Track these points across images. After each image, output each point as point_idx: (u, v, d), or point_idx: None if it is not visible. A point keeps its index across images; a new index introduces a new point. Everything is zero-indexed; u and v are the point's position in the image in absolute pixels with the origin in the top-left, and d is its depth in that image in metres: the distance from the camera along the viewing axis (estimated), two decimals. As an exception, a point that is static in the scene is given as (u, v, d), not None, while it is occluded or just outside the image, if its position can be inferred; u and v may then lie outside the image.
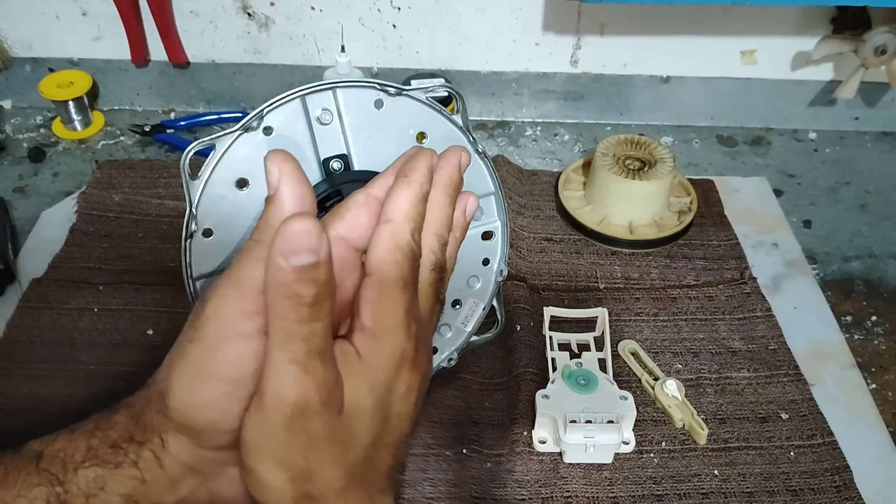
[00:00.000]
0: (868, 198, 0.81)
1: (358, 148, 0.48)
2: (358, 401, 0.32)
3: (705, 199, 0.78)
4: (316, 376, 0.30)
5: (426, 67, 0.86)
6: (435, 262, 0.36)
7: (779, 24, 0.83)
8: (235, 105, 0.89)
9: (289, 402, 0.30)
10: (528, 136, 0.88)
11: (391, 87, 0.48)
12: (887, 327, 0.66)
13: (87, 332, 0.63)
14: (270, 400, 0.30)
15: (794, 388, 0.60)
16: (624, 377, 0.60)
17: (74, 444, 0.32)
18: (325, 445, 0.31)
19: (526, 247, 0.72)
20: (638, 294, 0.67)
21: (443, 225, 0.36)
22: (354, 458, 0.32)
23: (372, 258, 0.33)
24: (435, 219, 0.36)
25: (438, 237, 0.36)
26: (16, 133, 0.86)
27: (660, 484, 0.54)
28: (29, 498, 0.30)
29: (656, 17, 0.82)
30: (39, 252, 0.70)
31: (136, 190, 0.77)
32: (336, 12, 0.82)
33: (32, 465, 0.31)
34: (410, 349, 0.34)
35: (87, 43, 0.85)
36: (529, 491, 0.53)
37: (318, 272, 0.28)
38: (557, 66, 0.86)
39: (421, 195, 0.35)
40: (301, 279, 0.28)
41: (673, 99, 0.88)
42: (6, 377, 0.59)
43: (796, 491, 0.53)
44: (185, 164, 0.44)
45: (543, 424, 0.55)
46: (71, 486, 0.31)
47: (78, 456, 0.32)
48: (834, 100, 0.87)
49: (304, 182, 0.33)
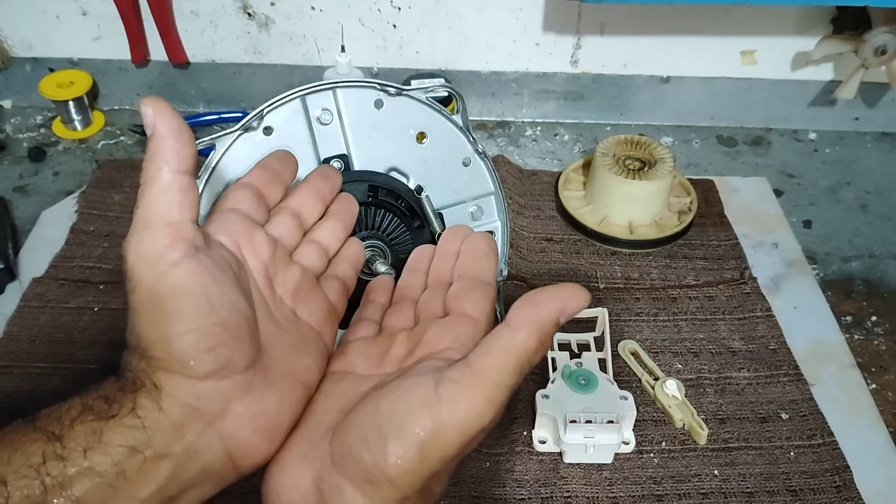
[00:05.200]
0: (868, 198, 0.81)
1: (358, 148, 0.48)
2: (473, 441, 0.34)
3: (705, 199, 0.78)
4: (499, 407, 0.32)
5: (426, 67, 0.86)
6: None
7: (779, 24, 0.83)
8: (235, 105, 0.89)
9: (490, 417, 0.32)
10: (528, 136, 0.88)
11: (391, 87, 0.48)
12: (887, 327, 0.66)
13: (87, 331, 0.63)
14: (477, 405, 0.31)
15: (794, 388, 0.60)
16: (624, 377, 0.60)
17: (69, 404, 0.32)
18: (455, 456, 0.32)
19: (526, 247, 0.72)
20: (638, 294, 0.67)
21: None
22: (441, 490, 0.35)
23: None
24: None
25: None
26: (16, 133, 0.86)
27: (660, 484, 0.54)
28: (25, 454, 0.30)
29: (656, 17, 0.82)
30: (40, 251, 0.70)
31: (136, 190, 0.75)
32: (336, 12, 0.82)
33: (28, 425, 0.31)
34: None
35: (87, 43, 0.85)
36: (529, 491, 0.53)
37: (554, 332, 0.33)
38: (557, 66, 0.86)
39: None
40: (550, 335, 0.33)
41: (673, 99, 0.88)
42: (6, 376, 0.59)
43: (796, 491, 0.53)
44: (185, 164, 0.44)
45: (543, 424, 0.55)
46: (68, 441, 0.31)
47: (73, 412, 0.32)
48: (834, 100, 0.87)
49: (175, 117, 0.34)
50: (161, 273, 0.32)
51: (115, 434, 0.31)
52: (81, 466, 0.30)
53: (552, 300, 0.33)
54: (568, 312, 0.33)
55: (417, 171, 0.50)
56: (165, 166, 0.33)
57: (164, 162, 0.33)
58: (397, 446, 0.31)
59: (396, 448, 0.31)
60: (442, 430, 0.31)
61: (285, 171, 0.44)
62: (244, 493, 0.35)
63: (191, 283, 0.32)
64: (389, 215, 0.49)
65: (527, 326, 0.32)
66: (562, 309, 0.33)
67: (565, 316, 0.33)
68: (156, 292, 0.32)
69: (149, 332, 0.33)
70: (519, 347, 0.32)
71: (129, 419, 0.32)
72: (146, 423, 0.32)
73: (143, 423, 0.32)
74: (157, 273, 0.32)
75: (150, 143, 0.34)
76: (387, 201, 0.49)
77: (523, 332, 0.32)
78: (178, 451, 0.32)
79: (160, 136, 0.34)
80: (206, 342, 0.32)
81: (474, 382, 0.32)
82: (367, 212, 0.48)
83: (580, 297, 0.33)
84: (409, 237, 0.50)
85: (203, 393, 0.33)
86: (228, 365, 0.33)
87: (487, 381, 0.31)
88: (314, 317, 0.40)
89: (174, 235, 0.33)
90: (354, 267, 0.45)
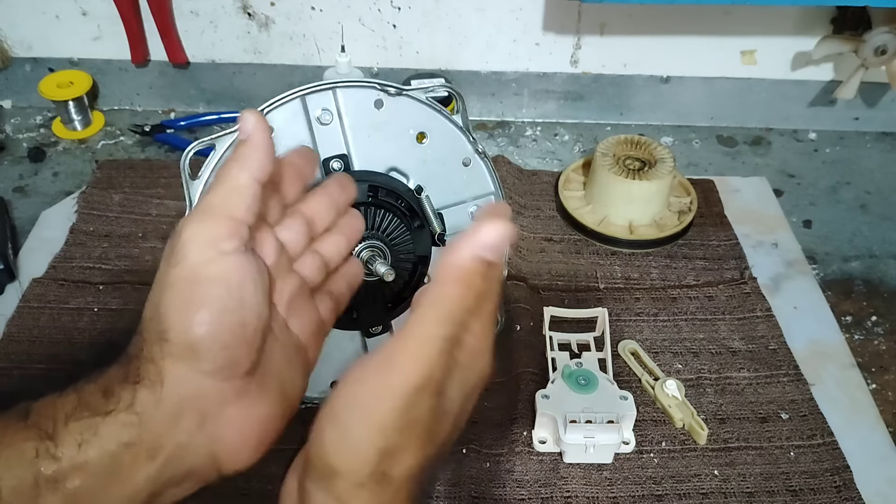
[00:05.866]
0: (868, 198, 0.81)
1: (358, 148, 0.48)
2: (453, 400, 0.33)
3: (705, 199, 0.78)
4: (449, 361, 0.31)
5: (426, 67, 0.86)
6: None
7: (779, 24, 0.83)
8: (235, 105, 0.89)
9: (422, 373, 0.30)
10: (528, 136, 0.88)
11: (391, 87, 0.48)
12: (887, 327, 0.66)
13: (86, 331, 0.63)
14: (404, 364, 0.30)
15: (794, 388, 0.60)
16: (624, 377, 0.60)
17: (64, 398, 0.32)
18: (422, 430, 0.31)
19: (526, 247, 0.72)
20: (638, 294, 0.67)
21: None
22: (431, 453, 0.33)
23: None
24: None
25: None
26: (16, 133, 0.86)
27: (660, 484, 0.54)
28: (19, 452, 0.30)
29: (656, 17, 0.82)
30: (39, 252, 0.70)
31: (136, 190, 0.77)
32: (336, 12, 0.82)
33: (21, 421, 0.31)
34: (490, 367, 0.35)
35: (87, 43, 0.85)
36: (529, 491, 0.53)
37: (495, 271, 0.32)
38: (557, 66, 0.86)
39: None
40: (486, 274, 0.31)
41: (673, 99, 0.88)
42: (6, 377, 0.59)
43: (796, 491, 0.53)
44: (186, 164, 0.44)
45: (543, 424, 0.55)
46: (62, 439, 0.31)
47: (68, 408, 0.32)
48: (834, 100, 0.87)
49: (269, 135, 0.37)
50: (209, 258, 0.33)
51: (110, 429, 0.31)
52: (75, 461, 0.31)
53: (465, 239, 0.31)
54: (485, 243, 0.31)
55: (417, 171, 0.50)
56: (248, 171, 0.35)
57: (249, 168, 0.35)
58: (330, 431, 0.31)
59: (330, 434, 0.31)
60: (370, 402, 0.30)
61: (307, 169, 0.43)
62: (244, 495, 0.35)
63: (232, 277, 0.34)
64: (389, 215, 0.49)
65: (443, 274, 0.32)
66: (477, 243, 0.31)
67: (486, 248, 0.31)
68: (197, 273, 0.33)
69: (174, 311, 0.33)
70: (439, 296, 0.31)
71: (126, 415, 0.32)
72: (143, 418, 0.32)
73: (139, 419, 0.32)
74: (206, 257, 0.33)
75: (243, 147, 0.36)
76: (387, 201, 0.49)
77: (439, 280, 0.32)
78: (168, 450, 0.33)
79: (254, 146, 0.36)
80: (223, 338, 0.33)
81: (398, 344, 0.31)
82: (367, 212, 0.48)
83: (495, 224, 0.31)
84: (408, 237, 0.50)
85: (203, 390, 0.33)
86: (234, 367, 0.34)
87: (409, 337, 0.31)
88: (304, 331, 0.40)
89: (233, 229, 0.34)
90: (350, 287, 0.45)
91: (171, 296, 0.33)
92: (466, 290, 0.31)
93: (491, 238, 0.31)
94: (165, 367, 0.33)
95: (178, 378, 0.33)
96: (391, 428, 0.30)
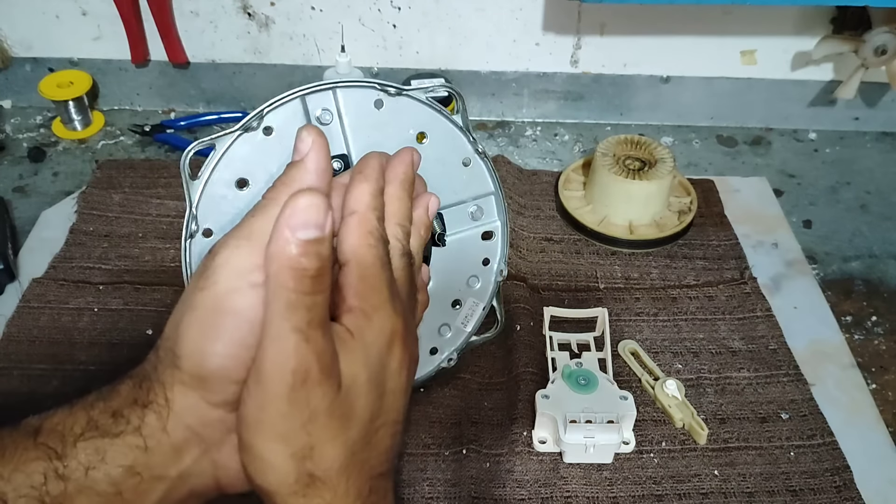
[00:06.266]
0: (868, 198, 0.81)
1: (358, 148, 0.48)
2: (355, 375, 0.33)
3: (705, 199, 0.78)
4: (316, 346, 0.31)
5: (426, 67, 0.86)
6: (402, 248, 0.38)
7: (779, 24, 0.83)
8: (235, 105, 0.89)
9: (290, 370, 0.30)
10: (528, 136, 0.88)
11: (391, 87, 0.47)
12: (887, 327, 0.66)
13: (86, 331, 0.63)
14: (271, 369, 0.30)
15: (794, 388, 0.60)
16: (624, 377, 0.60)
17: (74, 417, 0.32)
18: (326, 419, 0.31)
19: (526, 247, 0.72)
20: (638, 294, 0.67)
21: (403, 216, 0.38)
22: (354, 436, 0.33)
23: (346, 247, 0.34)
24: (395, 211, 0.38)
25: (401, 227, 0.38)
26: (16, 133, 0.86)
27: (660, 484, 0.54)
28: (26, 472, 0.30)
29: (656, 17, 0.82)
30: (39, 252, 0.70)
31: (136, 190, 0.77)
32: (336, 12, 0.82)
33: (30, 439, 0.31)
34: (399, 325, 0.35)
35: (87, 43, 0.85)
36: (529, 491, 0.53)
37: (321, 247, 0.30)
38: (557, 66, 0.86)
39: (377, 189, 0.37)
40: (306, 252, 0.30)
41: (673, 99, 0.88)
42: (6, 377, 0.59)
43: (796, 491, 0.53)
44: (185, 164, 0.44)
45: (543, 424, 0.55)
46: (70, 460, 0.30)
47: (77, 428, 0.31)
48: (834, 100, 0.87)
49: (328, 158, 0.35)
50: (237, 287, 0.32)
51: (117, 454, 0.31)
52: (82, 485, 0.30)
53: (275, 227, 0.30)
54: (293, 225, 0.30)
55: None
56: None
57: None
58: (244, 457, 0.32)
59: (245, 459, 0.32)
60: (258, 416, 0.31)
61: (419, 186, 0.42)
62: (244, 496, 0.35)
63: (253, 313, 0.32)
64: (389, 215, 0.49)
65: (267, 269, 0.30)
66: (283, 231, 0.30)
67: (297, 228, 0.30)
68: (222, 302, 0.32)
69: (191, 338, 0.32)
70: (271, 292, 0.30)
71: (133, 438, 0.32)
72: (149, 443, 0.32)
73: (145, 443, 0.32)
74: (235, 285, 0.32)
75: (294, 169, 0.34)
76: (387, 201, 0.49)
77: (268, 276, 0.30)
78: (173, 475, 0.33)
79: (307, 170, 0.34)
80: (235, 373, 0.32)
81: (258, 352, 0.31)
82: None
83: (296, 201, 0.30)
84: (408, 237, 0.50)
85: (209, 420, 0.33)
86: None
87: (263, 342, 0.31)
88: None
89: None
90: None
91: (191, 319, 0.32)
92: (295, 275, 0.30)
93: (298, 218, 0.30)
94: (175, 394, 0.32)
95: (186, 406, 0.32)
96: (288, 432, 0.31)
